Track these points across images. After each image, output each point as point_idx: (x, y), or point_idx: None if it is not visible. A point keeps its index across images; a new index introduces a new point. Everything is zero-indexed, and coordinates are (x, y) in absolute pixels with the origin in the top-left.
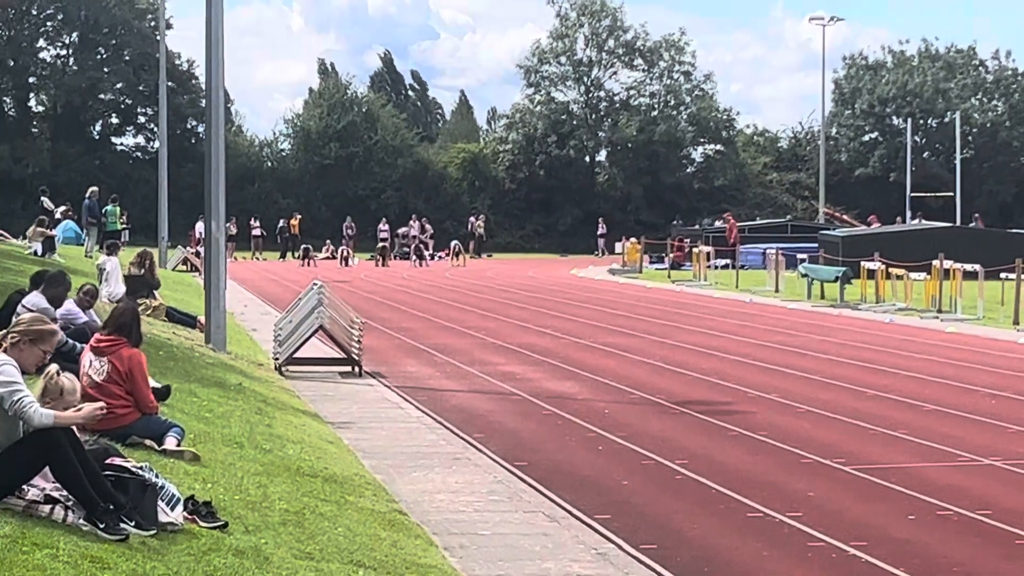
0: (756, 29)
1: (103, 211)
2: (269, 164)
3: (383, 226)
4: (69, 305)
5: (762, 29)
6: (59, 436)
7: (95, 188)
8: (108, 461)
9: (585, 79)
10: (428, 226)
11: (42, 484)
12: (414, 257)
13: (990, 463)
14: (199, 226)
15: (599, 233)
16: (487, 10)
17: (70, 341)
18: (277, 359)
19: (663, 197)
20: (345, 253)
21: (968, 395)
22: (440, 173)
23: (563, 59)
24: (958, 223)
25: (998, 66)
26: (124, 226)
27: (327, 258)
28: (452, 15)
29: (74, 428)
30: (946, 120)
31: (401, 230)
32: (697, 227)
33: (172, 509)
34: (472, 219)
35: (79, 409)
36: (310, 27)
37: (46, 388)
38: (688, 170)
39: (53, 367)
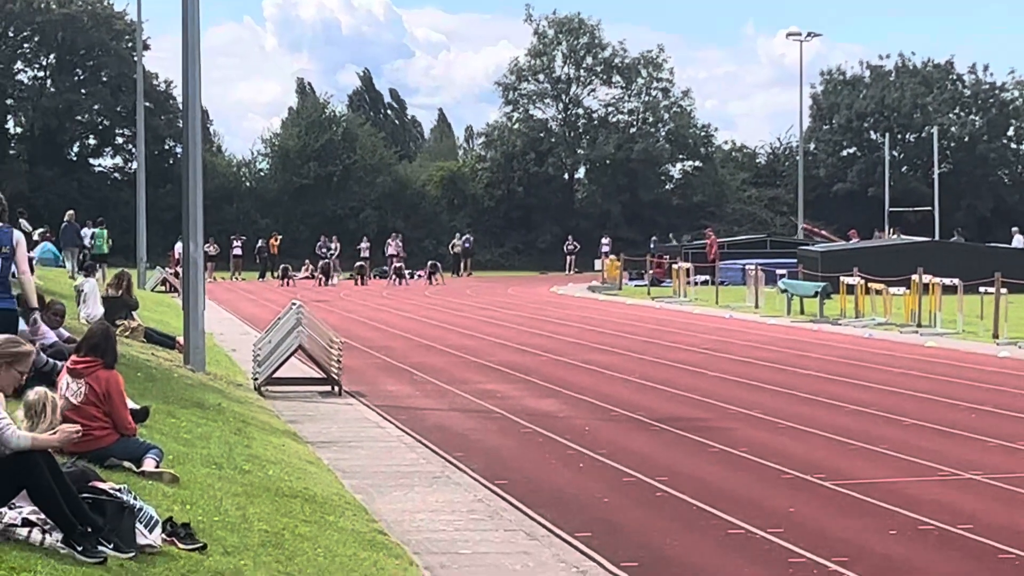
0: (728, 46)
1: (91, 234)
2: (248, 184)
3: (363, 244)
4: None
5: (734, 46)
6: (36, 459)
7: (72, 211)
8: (86, 483)
9: (563, 96)
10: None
11: (20, 507)
12: (393, 276)
13: (971, 477)
14: (178, 246)
15: (568, 249)
16: (461, 28)
17: (50, 360)
18: (256, 379)
19: (642, 214)
20: (325, 267)
21: (948, 409)
22: (419, 191)
23: (541, 76)
24: (937, 237)
25: (975, 80)
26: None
27: (306, 277)
28: (426, 33)
29: (51, 451)
30: (924, 134)
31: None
32: (676, 243)
33: (150, 531)
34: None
35: (55, 432)
36: (283, 47)
37: (30, 407)
38: (667, 187)
39: (38, 389)
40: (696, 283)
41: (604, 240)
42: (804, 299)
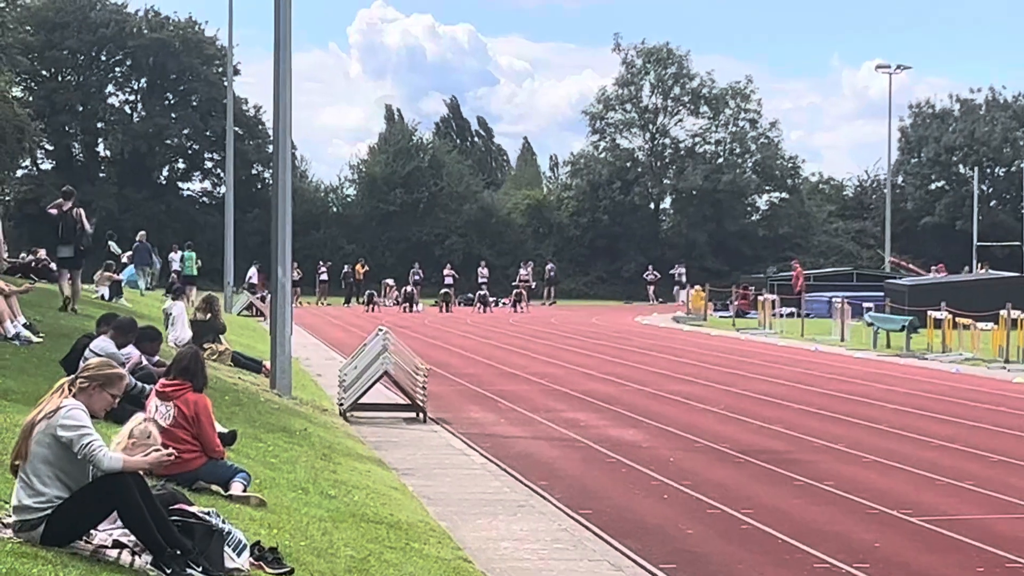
0: (813, 77)
1: (180, 257)
2: (334, 209)
3: (448, 271)
4: (128, 349)
5: (820, 77)
6: (127, 481)
7: (143, 232)
8: (175, 506)
9: (650, 126)
10: (485, 270)
11: (110, 528)
12: (477, 303)
13: None
14: (251, 271)
15: (648, 280)
16: (546, 56)
17: (138, 384)
18: (342, 404)
19: (727, 244)
20: (409, 295)
21: None
22: (505, 219)
23: (628, 106)
24: None
25: None
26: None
27: (395, 304)
28: (510, 61)
29: (142, 473)
30: (1013, 169)
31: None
32: (762, 275)
33: (238, 555)
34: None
35: (147, 454)
36: (367, 73)
37: (132, 432)
38: (753, 218)
39: (141, 414)
40: (782, 315)
41: (679, 269)
42: (891, 333)
